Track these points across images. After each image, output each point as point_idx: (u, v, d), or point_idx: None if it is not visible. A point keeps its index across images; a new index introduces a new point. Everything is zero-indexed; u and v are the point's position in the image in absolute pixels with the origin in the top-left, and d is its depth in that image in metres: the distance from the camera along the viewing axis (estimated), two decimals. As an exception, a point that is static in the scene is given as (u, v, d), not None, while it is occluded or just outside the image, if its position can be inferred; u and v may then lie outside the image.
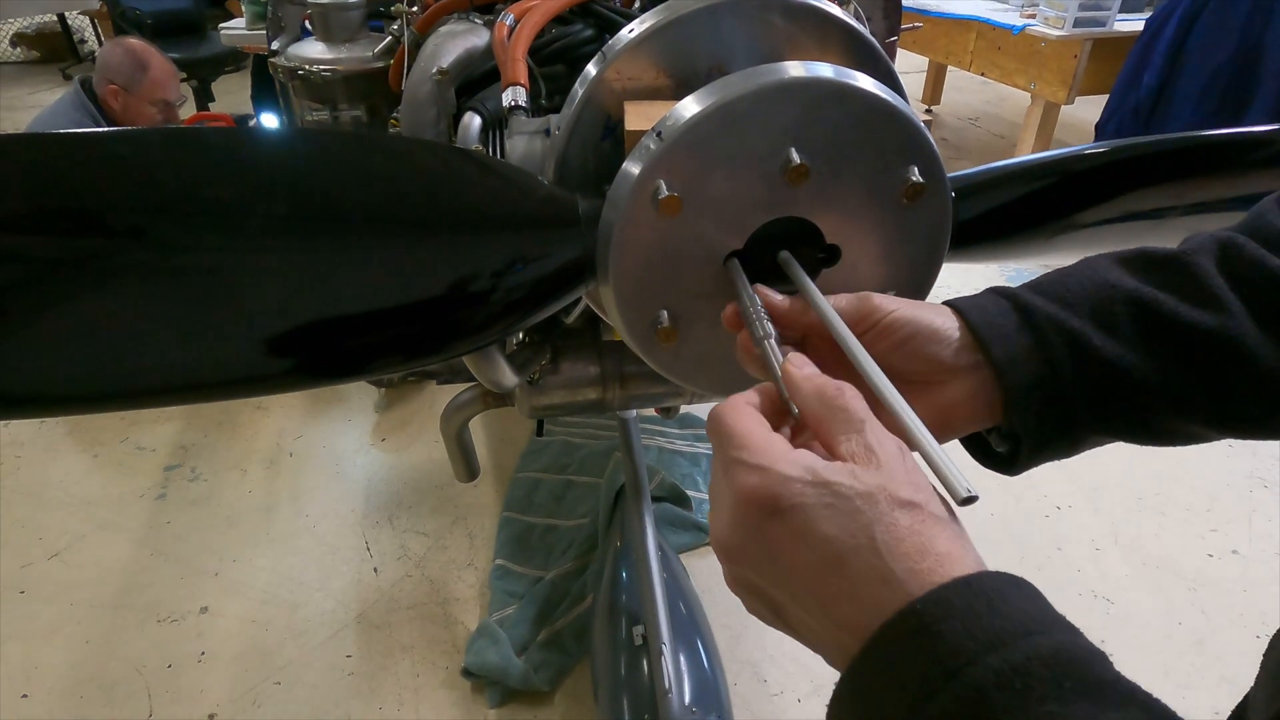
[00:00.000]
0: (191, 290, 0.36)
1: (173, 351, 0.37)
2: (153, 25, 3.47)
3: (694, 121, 0.37)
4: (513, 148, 0.52)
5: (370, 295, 0.39)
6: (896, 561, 0.26)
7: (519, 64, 0.55)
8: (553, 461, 1.73)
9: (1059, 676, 0.23)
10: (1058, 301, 0.36)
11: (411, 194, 0.39)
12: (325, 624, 1.39)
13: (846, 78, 0.37)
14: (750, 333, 0.36)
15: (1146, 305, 0.35)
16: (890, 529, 0.27)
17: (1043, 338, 0.35)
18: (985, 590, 0.25)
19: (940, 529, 0.27)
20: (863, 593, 0.26)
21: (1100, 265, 0.38)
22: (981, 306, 0.37)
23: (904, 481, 0.28)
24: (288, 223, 0.36)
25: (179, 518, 1.62)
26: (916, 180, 0.39)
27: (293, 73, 0.86)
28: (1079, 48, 2.53)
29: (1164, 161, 0.48)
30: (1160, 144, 0.48)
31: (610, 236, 0.39)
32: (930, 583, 0.25)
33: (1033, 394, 0.35)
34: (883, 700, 0.25)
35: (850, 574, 0.27)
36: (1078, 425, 0.36)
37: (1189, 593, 1.45)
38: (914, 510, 0.27)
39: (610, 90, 0.44)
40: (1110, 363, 0.35)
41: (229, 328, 0.37)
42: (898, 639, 0.25)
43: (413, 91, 0.68)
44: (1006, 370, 0.35)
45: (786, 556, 0.28)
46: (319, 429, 1.86)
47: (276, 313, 0.38)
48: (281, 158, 0.37)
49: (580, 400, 0.86)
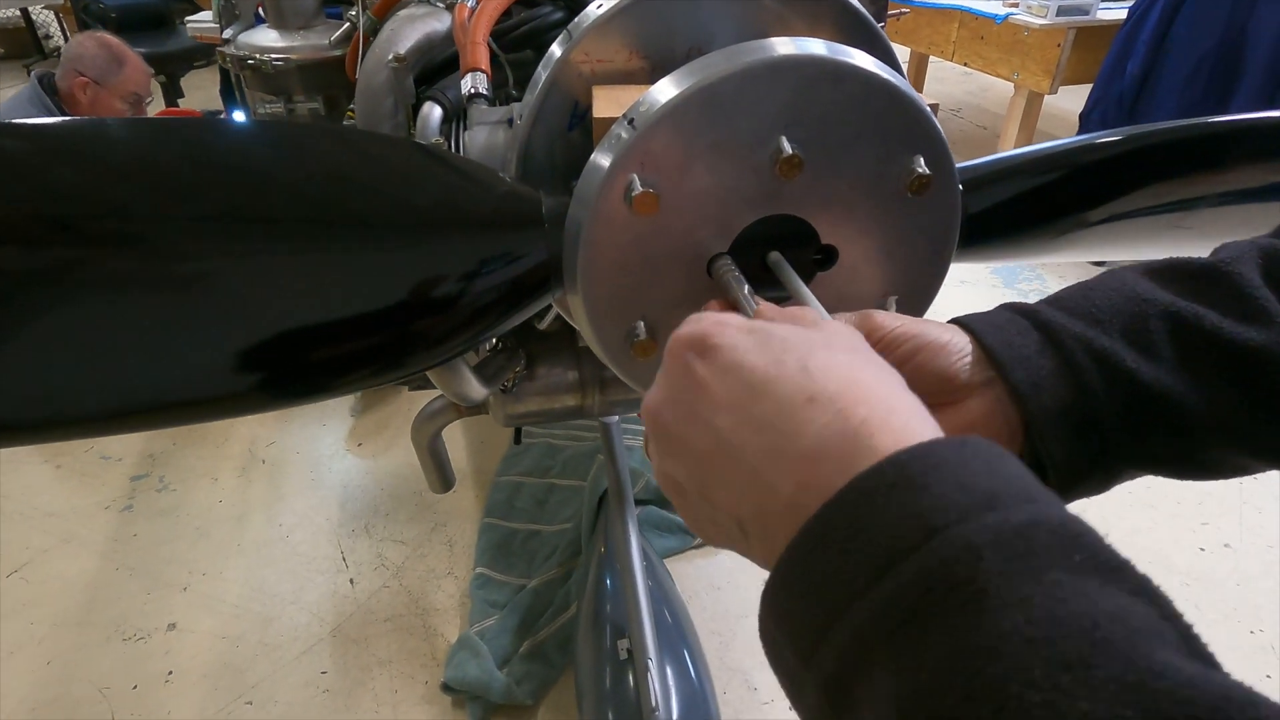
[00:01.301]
0: (113, 304, 0.32)
1: (105, 374, 0.33)
2: (118, 19, 3.37)
3: (670, 107, 0.32)
4: (472, 140, 0.47)
5: (306, 305, 0.34)
6: (829, 398, 0.23)
7: (479, 47, 0.50)
8: (535, 465, 1.68)
9: (1068, 547, 0.19)
10: (1084, 318, 0.32)
11: (353, 192, 0.34)
12: (299, 639, 1.34)
13: (843, 56, 0.33)
14: None
15: (1185, 321, 0.31)
16: (819, 356, 0.25)
17: (1070, 359, 0.31)
18: (982, 452, 0.21)
19: (874, 368, 0.25)
20: (791, 431, 0.24)
21: (1128, 278, 0.34)
22: (996, 325, 0.33)
23: (849, 337, 0.27)
24: (214, 224, 0.32)
25: (146, 529, 1.56)
26: (922, 172, 0.35)
27: (243, 62, 0.81)
28: (1062, 36, 2.51)
29: (1185, 149, 0.44)
30: (1178, 130, 0.44)
31: (578, 238, 0.35)
32: (890, 427, 0.22)
33: (1061, 422, 0.31)
34: (839, 571, 0.20)
35: (777, 401, 0.24)
36: (1113, 457, 0.32)
37: (1183, 588, 1.43)
38: (838, 344, 0.26)
39: (578, 74, 0.39)
40: (1147, 386, 0.31)
41: (163, 345, 0.33)
42: (869, 495, 0.21)
43: (367, 80, 0.63)
44: (1029, 396, 0.31)
45: (707, 399, 0.26)
46: (293, 434, 1.81)
47: (212, 325, 0.34)
48: (202, 152, 0.32)
49: (558, 407, 0.82)
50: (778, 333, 0.26)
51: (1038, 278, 2.46)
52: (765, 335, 0.26)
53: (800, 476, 0.23)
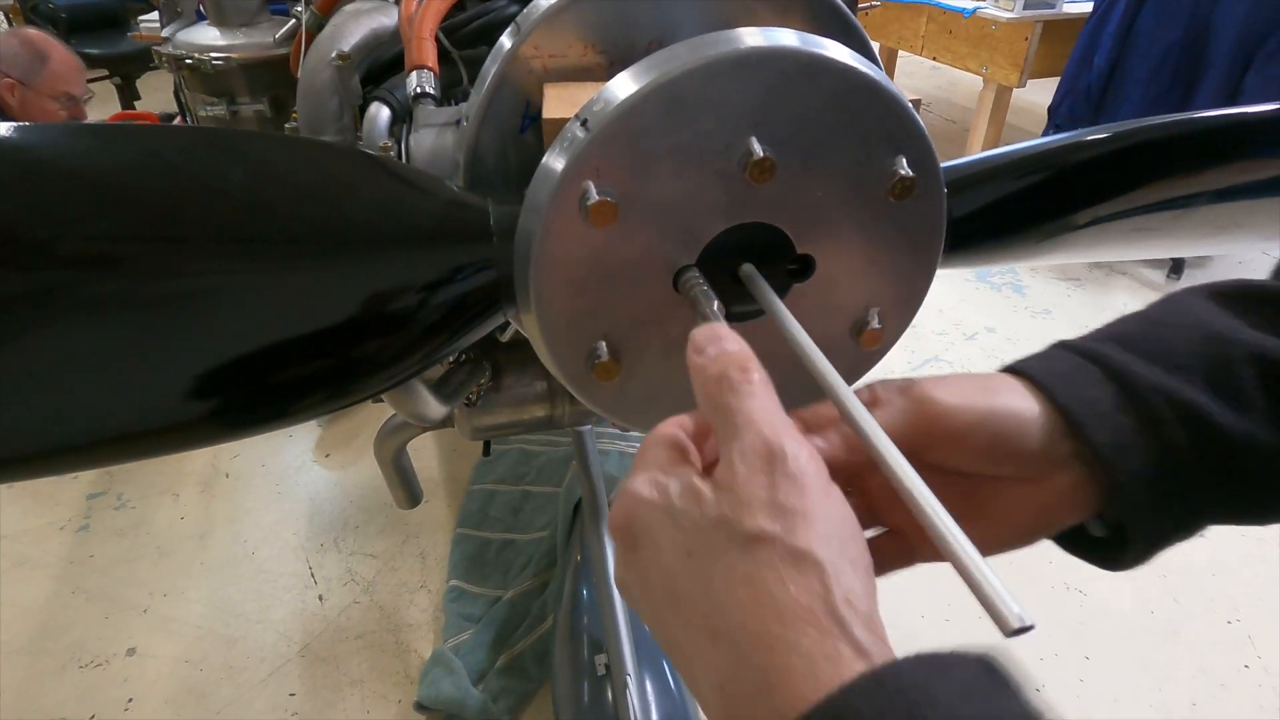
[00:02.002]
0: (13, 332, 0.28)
1: (38, 409, 0.29)
2: (68, 20, 3.26)
3: (628, 106, 0.29)
4: (418, 144, 0.43)
5: (231, 333, 0.31)
6: (731, 631, 0.20)
7: (425, 43, 0.47)
8: (509, 472, 1.64)
9: None
10: (1161, 363, 0.29)
11: (274, 205, 0.30)
12: (266, 660, 1.29)
13: (818, 48, 0.30)
14: None
15: (1276, 366, 0.28)
16: (727, 574, 0.21)
17: (1153, 415, 0.28)
18: (907, 696, 0.18)
19: (794, 573, 0.21)
20: (704, 669, 0.21)
21: (1200, 310, 0.30)
22: (1066, 377, 0.29)
23: (756, 506, 0.21)
24: (112, 245, 0.28)
25: (103, 550, 1.50)
26: (905, 174, 0.32)
27: (181, 62, 0.76)
28: (1030, 30, 2.52)
29: (1177, 145, 0.42)
30: (1170, 127, 0.42)
31: (529, 251, 0.31)
32: (791, 679, 0.19)
33: (1146, 487, 0.28)
34: None
35: (685, 628, 0.22)
36: (1200, 516, 0.29)
37: (1160, 580, 1.44)
38: (759, 547, 0.21)
39: (529, 70, 0.36)
40: (1238, 442, 0.28)
41: (73, 378, 0.29)
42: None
43: (309, 79, 0.59)
44: (1113, 461, 0.28)
45: (645, 595, 0.23)
46: (257, 447, 1.75)
47: (125, 355, 0.30)
48: (97, 163, 0.29)
49: (527, 419, 0.79)
50: (684, 523, 0.22)
51: (1009, 270, 2.46)
52: (675, 526, 0.23)
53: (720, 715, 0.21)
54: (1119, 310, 0.31)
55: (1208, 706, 1.22)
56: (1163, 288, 2.34)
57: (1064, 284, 2.38)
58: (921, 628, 1.34)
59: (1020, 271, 2.45)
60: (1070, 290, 2.35)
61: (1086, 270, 2.45)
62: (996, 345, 2.11)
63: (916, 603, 1.38)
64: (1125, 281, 2.38)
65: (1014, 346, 2.10)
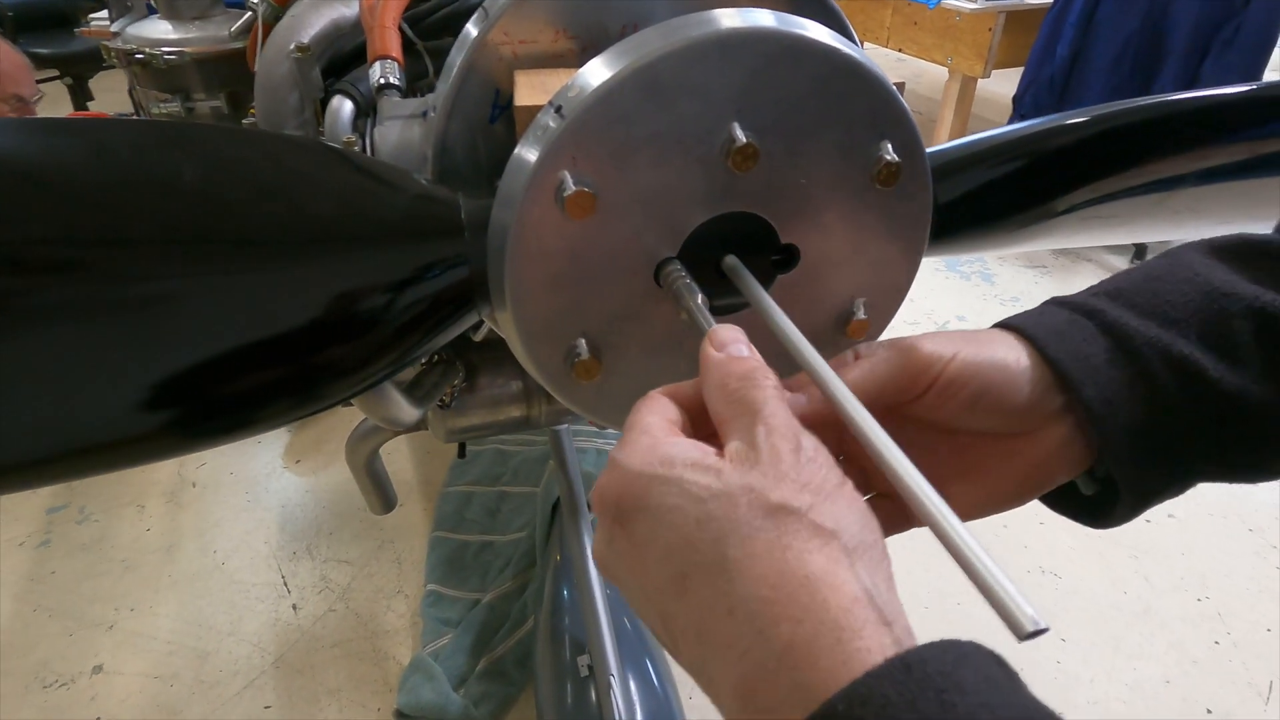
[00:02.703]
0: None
1: None
2: (15, 18, 3.14)
3: (604, 91, 0.28)
4: (383, 137, 0.41)
5: (187, 338, 0.29)
6: (751, 603, 0.19)
7: (388, 32, 0.45)
8: (484, 472, 1.62)
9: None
10: (1157, 318, 0.28)
11: (228, 202, 0.29)
12: (240, 673, 1.26)
13: (799, 29, 0.29)
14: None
15: (1273, 319, 0.27)
16: (747, 544, 0.20)
17: (1145, 369, 0.27)
18: (935, 681, 0.17)
19: (819, 545, 0.20)
20: (718, 647, 0.20)
21: (1199, 264, 0.29)
22: (1058, 331, 0.29)
23: (783, 480, 0.21)
24: (54, 248, 0.26)
25: (66, 566, 1.45)
26: (891, 159, 0.31)
27: (131, 57, 0.73)
28: (993, 20, 2.54)
29: (1157, 128, 0.41)
30: (1149, 110, 0.41)
31: (504, 246, 0.30)
32: (817, 652, 0.18)
33: (1137, 443, 0.28)
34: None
35: (698, 607, 0.20)
36: (1191, 472, 0.29)
37: (1131, 560, 1.46)
38: (784, 518, 0.20)
39: (498, 57, 0.34)
40: (1232, 398, 0.27)
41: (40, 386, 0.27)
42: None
43: (267, 73, 0.56)
44: (1103, 415, 0.27)
45: (638, 575, 0.22)
46: (224, 455, 1.71)
47: (77, 363, 0.28)
48: (37, 160, 0.27)
49: (503, 419, 0.77)
50: (694, 490, 0.21)
51: (978, 259, 2.49)
52: (681, 494, 0.22)
53: (736, 699, 0.20)
54: None
55: (1180, 682, 1.24)
56: (1127, 273, 2.38)
57: (1031, 271, 2.42)
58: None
59: (989, 260, 2.48)
60: (1038, 277, 2.39)
61: (1053, 257, 2.49)
62: (967, 333, 2.13)
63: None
64: (1090, 268, 2.42)
65: (985, 334, 2.12)
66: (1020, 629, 0.19)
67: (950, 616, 1.33)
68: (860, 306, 0.35)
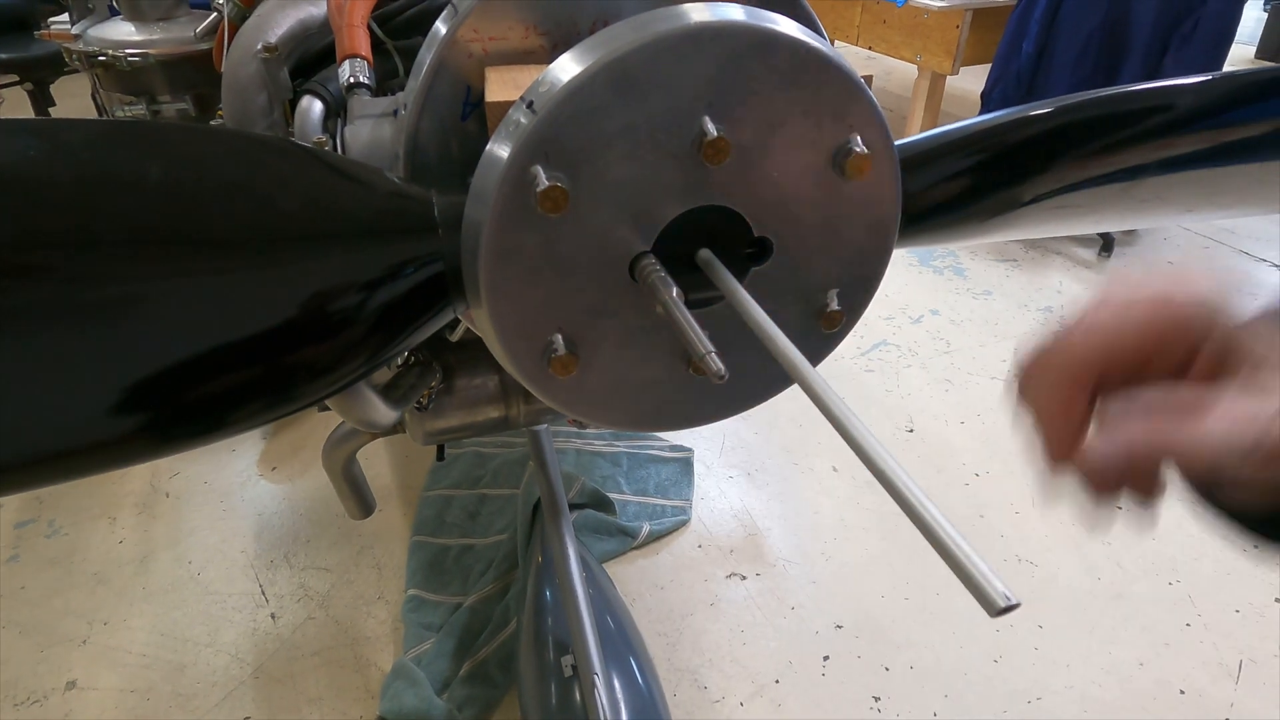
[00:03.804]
0: None
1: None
2: (-29, 22, 3.07)
3: (575, 86, 0.28)
4: (354, 135, 0.41)
5: (172, 337, 0.28)
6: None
7: (357, 30, 0.44)
8: (464, 475, 1.61)
9: None
10: None
11: (202, 203, 0.28)
12: (218, 684, 1.24)
13: (767, 22, 0.29)
14: (691, 350, 0.28)
15: None
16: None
17: None
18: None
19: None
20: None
21: None
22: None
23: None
24: (13, 251, 0.26)
25: (35, 581, 1.42)
26: (860, 151, 0.31)
27: (93, 59, 0.71)
28: (960, 18, 2.58)
29: (1119, 119, 0.42)
30: (1111, 101, 0.42)
31: (478, 242, 0.30)
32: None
33: None
34: None
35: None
36: None
37: (1104, 547, 1.49)
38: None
39: (468, 54, 0.34)
40: None
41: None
42: None
43: (234, 73, 0.56)
44: None
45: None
46: (198, 463, 1.68)
47: (44, 366, 0.27)
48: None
49: (481, 420, 0.77)
50: None
51: (950, 254, 2.52)
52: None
53: None
54: (1055, 289, 0.31)
55: (1154, 664, 1.27)
56: (1095, 266, 2.42)
57: (1002, 265, 2.45)
58: (882, 606, 1.36)
59: (960, 255, 2.51)
60: (1009, 271, 2.42)
61: (1023, 251, 2.53)
62: (941, 327, 2.15)
63: (876, 583, 1.41)
64: (1060, 261, 2.46)
65: (958, 328, 2.15)
66: (992, 605, 0.20)
67: (930, 607, 1.35)
68: (834, 297, 0.36)
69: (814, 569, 1.44)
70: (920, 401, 1.87)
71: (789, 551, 1.47)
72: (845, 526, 1.52)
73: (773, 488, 1.62)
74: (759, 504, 1.58)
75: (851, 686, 1.24)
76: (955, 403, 1.86)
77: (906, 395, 1.89)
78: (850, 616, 1.35)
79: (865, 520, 1.53)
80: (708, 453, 1.71)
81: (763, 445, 1.73)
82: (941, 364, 2.00)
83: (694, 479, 1.63)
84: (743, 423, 1.78)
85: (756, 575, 1.42)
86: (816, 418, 1.67)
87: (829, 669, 1.27)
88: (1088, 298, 0.25)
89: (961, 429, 1.78)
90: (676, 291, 0.30)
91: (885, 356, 2.03)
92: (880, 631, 1.32)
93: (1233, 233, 2.69)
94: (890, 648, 1.29)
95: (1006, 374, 1.94)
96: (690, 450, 1.70)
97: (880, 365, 2.00)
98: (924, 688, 1.24)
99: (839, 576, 1.42)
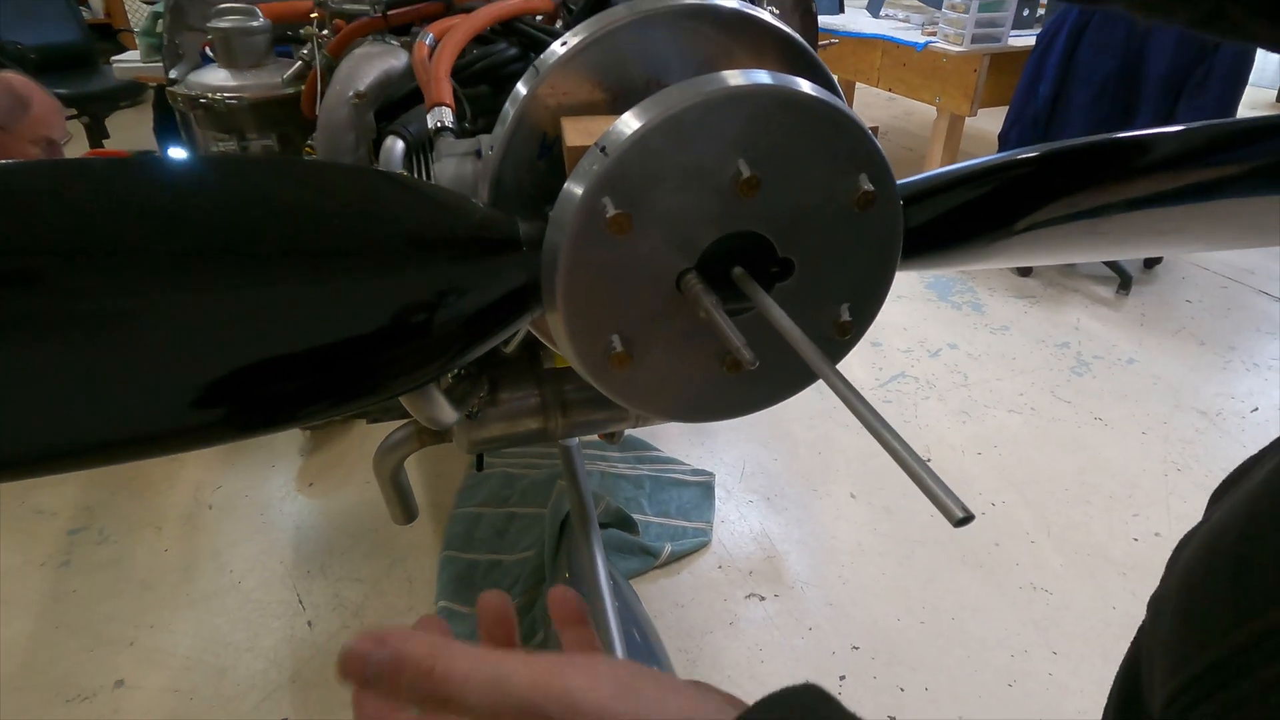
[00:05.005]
0: (89, 340, 0.32)
1: (74, 409, 0.32)
2: (37, 60, 3.27)
3: (640, 135, 0.35)
4: (441, 171, 0.49)
5: (293, 335, 0.35)
6: None
7: (443, 83, 0.53)
8: (493, 494, 1.67)
9: None
10: None
11: (331, 221, 0.35)
12: (257, 687, 1.30)
13: (791, 85, 0.36)
14: (728, 344, 0.35)
15: None
16: None
17: None
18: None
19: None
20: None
21: None
22: None
23: None
24: (191, 259, 0.33)
25: (86, 585, 1.49)
26: (867, 189, 0.38)
27: (194, 101, 0.81)
28: (978, 62, 2.66)
29: (1093, 162, 0.49)
30: (1088, 146, 0.49)
31: (556, 260, 0.37)
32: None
33: None
34: None
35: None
36: None
37: (1120, 577, 1.51)
38: None
39: (545, 106, 0.42)
40: None
41: (137, 379, 0.33)
42: None
43: (328, 116, 0.64)
44: None
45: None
46: (240, 478, 1.76)
47: (187, 359, 0.34)
48: (180, 187, 0.33)
49: (521, 431, 0.83)
50: None
51: (969, 290, 2.57)
52: None
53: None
54: (1073, 325, 0.38)
55: (1168, 694, 1.29)
56: (1113, 303, 2.46)
57: (1021, 301, 2.50)
58: (898, 629, 1.39)
59: (979, 290, 2.56)
60: (1026, 307, 2.46)
61: (1042, 288, 2.57)
62: (959, 360, 2.20)
63: (892, 606, 1.43)
64: (1078, 299, 2.50)
65: (975, 361, 2.19)
66: (952, 515, 0.26)
67: (945, 631, 1.37)
68: (845, 310, 0.43)
69: (831, 591, 1.47)
70: (938, 432, 1.91)
71: (807, 574, 1.51)
72: (862, 551, 1.56)
73: (791, 512, 1.66)
74: (778, 528, 1.62)
75: (867, 706, 1.27)
76: (972, 434, 1.90)
77: (924, 426, 1.93)
78: (866, 638, 1.38)
79: (882, 545, 1.57)
80: (728, 478, 1.76)
81: (782, 471, 1.77)
82: (959, 396, 2.04)
83: (715, 502, 1.68)
84: (763, 449, 1.83)
85: (775, 596, 1.46)
86: (834, 446, 1.72)
87: (845, 689, 1.30)
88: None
89: (978, 459, 1.82)
90: (716, 300, 0.37)
91: (904, 388, 2.08)
92: (896, 653, 1.35)
93: (1251, 273, 2.72)
94: (905, 669, 1.32)
95: (1023, 407, 1.98)
96: (711, 475, 1.74)
97: (898, 396, 2.04)
98: (938, 709, 1.26)
99: (855, 599, 1.45)
